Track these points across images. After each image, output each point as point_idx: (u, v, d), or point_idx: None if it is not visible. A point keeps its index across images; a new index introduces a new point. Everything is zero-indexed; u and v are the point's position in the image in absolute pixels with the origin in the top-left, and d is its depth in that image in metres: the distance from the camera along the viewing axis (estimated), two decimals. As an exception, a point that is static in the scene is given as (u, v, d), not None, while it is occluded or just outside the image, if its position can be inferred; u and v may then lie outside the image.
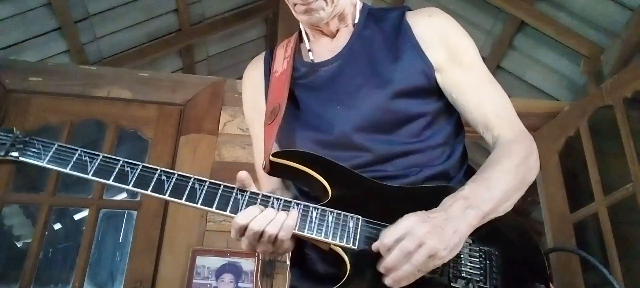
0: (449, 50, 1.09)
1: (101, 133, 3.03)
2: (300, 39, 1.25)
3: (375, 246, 0.89)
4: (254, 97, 1.25)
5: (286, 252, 0.98)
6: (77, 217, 4.67)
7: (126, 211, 3.65)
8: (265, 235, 0.91)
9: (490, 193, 0.94)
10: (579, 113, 2.93)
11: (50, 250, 4.15)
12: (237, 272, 2.59)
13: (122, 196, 4.29)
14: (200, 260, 2.58)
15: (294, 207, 0.94)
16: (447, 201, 0.93)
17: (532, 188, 1.36)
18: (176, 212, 2.73)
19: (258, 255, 2.63)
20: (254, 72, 1.30)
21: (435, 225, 0.86)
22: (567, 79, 3.43)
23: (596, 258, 1.06)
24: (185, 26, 4.13)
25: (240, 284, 2.58)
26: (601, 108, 2.82)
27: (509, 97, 1.13)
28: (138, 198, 2.88)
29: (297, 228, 0.92)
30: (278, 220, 0.91)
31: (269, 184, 1.16)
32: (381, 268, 0.87)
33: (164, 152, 2.88)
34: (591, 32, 3.15)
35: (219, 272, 2.58)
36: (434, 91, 1.08)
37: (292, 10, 1.14)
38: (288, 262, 2.63)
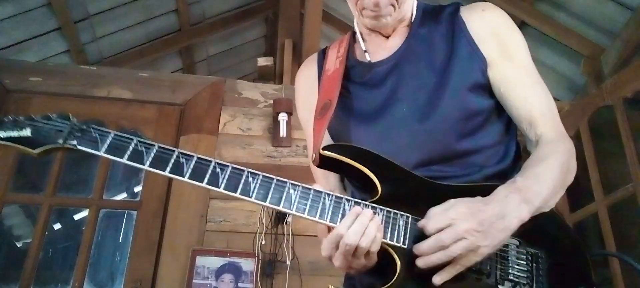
0: (501, 44, 1.09)
1: (101, 133, 3.02)
2: (353, 40, 1.25)
3: (421, 223, 0.91)
4: (308, 98, 1.24)
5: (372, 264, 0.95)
6: (77, 217, 4.66)
7: (126, 211, 3.64)
8: (360, 249, 0.88)
9: (540, 187, 0.94)
10: (579, 113, 2.93)
11: (50, 250, 4.14)
12: (237, 272, 2.59)
13: (122, 196, 4.29)
14: (200, 260, 2.58)
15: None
16: (500, 191, 0.93)
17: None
18: (176, 212, 2.73)
19: (258, 255, 2.63)
20: (307, 72, 1.30)
21: (483, 221, 0.87)
22: (567, 79, 3.43)
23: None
24: (185, 26, 4.13)
25: (240, 284, 2.58)
26: (601, 108, 2.82)
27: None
28: (138, 199, 2.88)
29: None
30: (369, 233, 0.89)
31: (326, 184, 1.16)
32: (415, 249, 0.89)
33: (164, 152, 2.88)
34: (591, 32, 3.15)
35: (219, 272, 2.58)
36: (488, 87, 1.09)
37: (357, 14, 1.15)
38: (288, 262, 2.64)
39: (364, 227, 0.88)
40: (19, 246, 4.81)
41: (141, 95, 3.01)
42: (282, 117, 2.92)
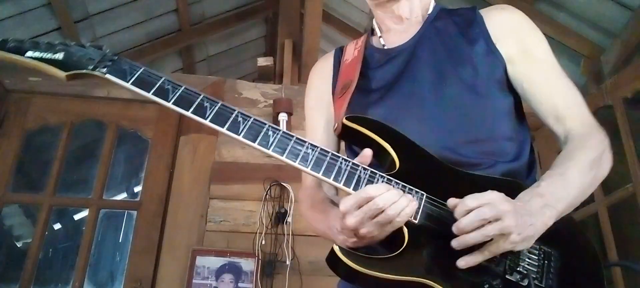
0: (521, 43, 1.10)
1: (101, 133, 3.03)
2: (371, 34, 1.29)
3: (452, 202, 0.89)
4: (319, 89, 1.27)
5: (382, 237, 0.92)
6: (77, 217, 4.65)
7: (126, 211, 3.65)
8: (383, 216, 0.86)
9: (565, 191, 0.94)
10: (579, 113, 2.93)
11: (50, 250, 4.14)
12: (237, 272, 2.59)
13: (122, 196, 4.29)
14: (200, 260, 2.58)
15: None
16: (524, 196, 0.92)
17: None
18: (176, 212, 2.74)
19: (258, 255, 2.63)
20: (323, 64, 1.32)
21: (517, 210, 0.86)
22: (567, 79, 3.43)
23: None
24: (185, 26, 4.13)
25: (240, 284, 2.57)
26: (601, 108, 2.82)
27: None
28: (138, 199, 2.88)
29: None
30: (400, 205, 0.87)
31: None
32: (454, 228, 0.86)
33: (164, 152, 2.88)
34: (591, 32, 3.15)
35: (219, 272, 2.58)
36: (505, 83, 1.09)
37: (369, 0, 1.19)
38: (288, 262, 2.64)
39: (397, 197, 0.87)
40: (19, 246, 4.80)
41: (141, 95, 3.01)
42: (282, 117, 2.92)
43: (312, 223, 1.16)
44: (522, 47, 1.10)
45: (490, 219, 0.84)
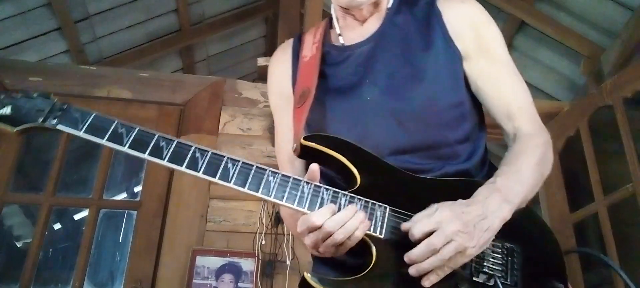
0: (478, 38, 1.09)
1: (101, 133, 3.02)
2: (329, 25, 1.25)
3: (405, 227, 0.89)
4: (281, 84, 1.23)
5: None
6: (77, 217, 4.66)
7: (126, 211, 3.65)
8: (332, 239, 0.87)
9: (520, 186, 0.96)
10: (579, 113, 2.93)
11: (50, 250, 4.14)
12: (237, 272, 2.59)
13: (122, 196, 4.29)
14: (200, 260, 2.58)
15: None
16: (481, 192, 0.93)
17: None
18: (176, 212, 2.73)
19: (258, 255, 2.63)
20: (281, 59, 1.28)
21: (467, 223, 0.87)
22: (567, 79, 3.43)
23: (610, 261, 1.07)
24: (185, 26, 4.13)
25: (240, 284, 2.57)
26: (601, 108, 2.82)
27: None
28: (138, 199, 2.88)
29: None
30: (349, 227, 0.88)
31: (291, 169, 1.15)
32: (406, 258, 0.87)
33: (164, 152, 2.88)
34: (591, 32, 3.15)
35: (219, 272, 2.58)
36: (461, 83, 1.08)
37: None
38: (288, 262, 2.64)
39: (344, 220, 0.87)
40: (19, 246, 4.81)
41: (141, 95, 3.01)
42: (282, 117, 2.92)
43: (290, 225, 1.15)
44: (478, 43, 1.09)
45: (441, 246, 0.85)
